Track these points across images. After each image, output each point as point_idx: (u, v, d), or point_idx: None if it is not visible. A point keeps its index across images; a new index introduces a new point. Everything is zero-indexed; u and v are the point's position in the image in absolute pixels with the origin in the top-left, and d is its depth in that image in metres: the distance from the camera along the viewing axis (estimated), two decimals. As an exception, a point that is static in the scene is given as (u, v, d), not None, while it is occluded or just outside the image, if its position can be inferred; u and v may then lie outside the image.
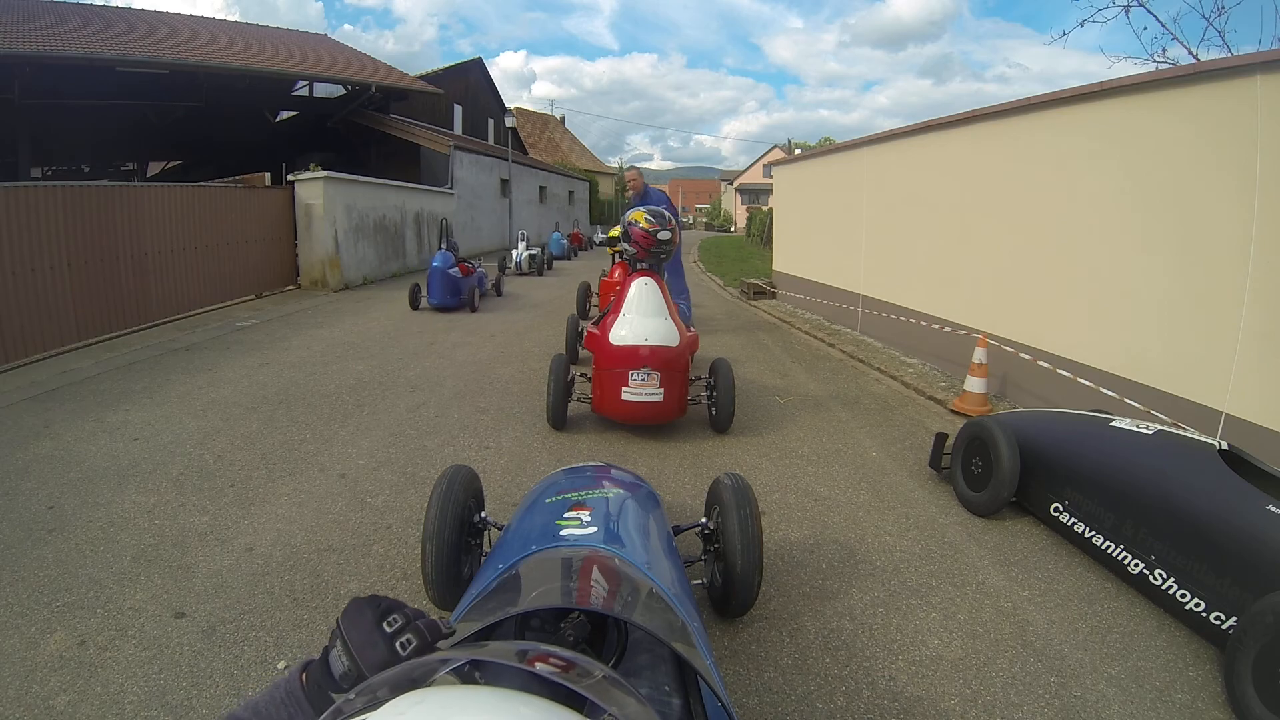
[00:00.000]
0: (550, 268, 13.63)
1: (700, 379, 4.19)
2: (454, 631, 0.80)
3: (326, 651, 0.75)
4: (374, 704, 0.47)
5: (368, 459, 3.47)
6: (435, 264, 8.07)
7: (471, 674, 0.75)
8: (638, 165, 6.82)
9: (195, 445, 3.60)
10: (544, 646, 0.65)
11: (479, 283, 8.75)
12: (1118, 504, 2.48)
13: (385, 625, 0.74)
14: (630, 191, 6.37)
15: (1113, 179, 4.05)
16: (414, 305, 8.21)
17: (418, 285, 8.32)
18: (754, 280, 10.69)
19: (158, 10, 14.52)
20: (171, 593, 2.26)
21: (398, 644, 0.73)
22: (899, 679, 1.95)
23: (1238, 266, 3.23)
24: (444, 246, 8.28)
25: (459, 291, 8.13)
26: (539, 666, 0.60)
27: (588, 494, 1.84)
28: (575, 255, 17.53)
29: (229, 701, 1.78)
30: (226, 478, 3.20)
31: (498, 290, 9.64)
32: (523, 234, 13.42)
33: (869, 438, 4.06)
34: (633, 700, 0.56)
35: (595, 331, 4.09)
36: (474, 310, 8.17)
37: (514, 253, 12.62)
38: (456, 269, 8.22)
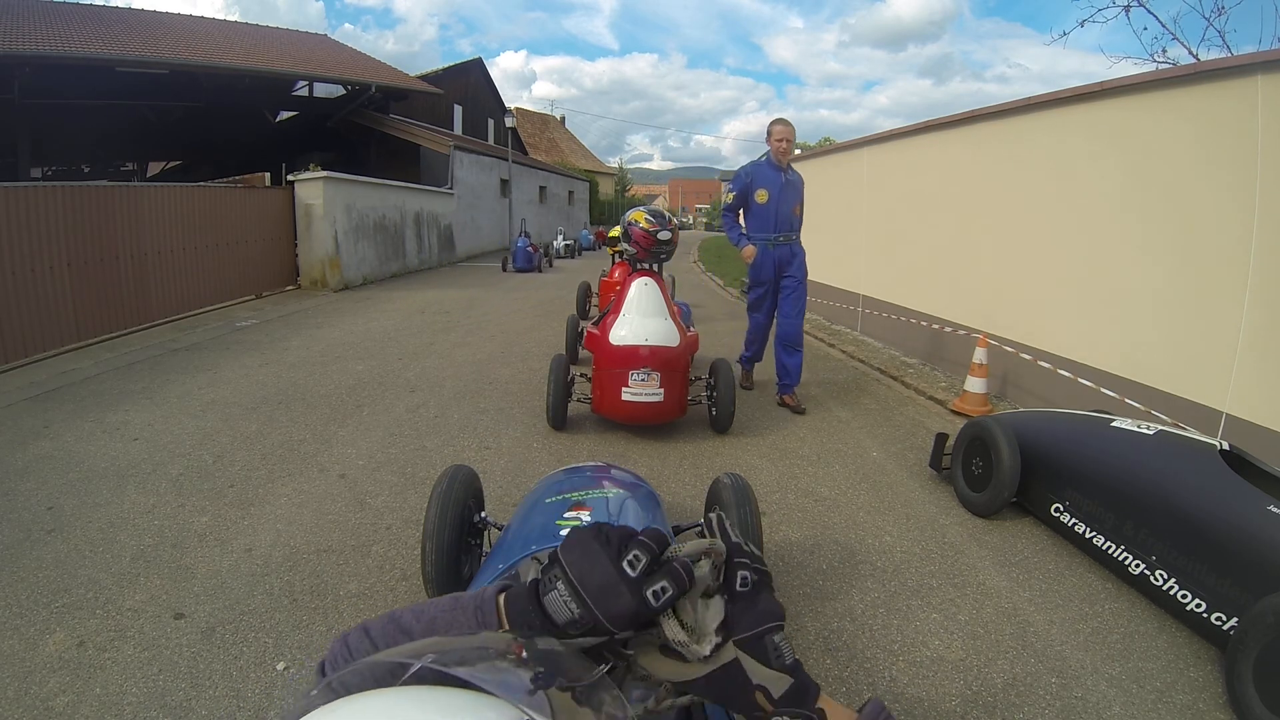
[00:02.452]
0: (580, 254, 18.40)
1: (700, 379, 4.19)
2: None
3: (538, 588, 0.63)
4: (310, 706, 0.46)
5: (367, 459, 3.47)
6: (519, 244, 13.17)
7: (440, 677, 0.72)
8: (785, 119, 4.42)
9: (195, 446, 3.59)
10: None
11: (541, 257, 13.58)
12: (1118, 504, 2.47)
13: (626, 566, 0.60)
14: (774, 150, 4.37)
15: (1113, 179, 4.05)
16: (504, 268, 13.12)
17: (507, 257, 13.38)
18: (754, 280, 10.67)
19: (158, 10, 14.54)
20: (171, 594, 2.25)
21: (649, 594, 0.60)
22: (899, 680, 1.95)
23: (1238, 266, 3.23)
24: (522, 234, 13.53)
25: (531, 260, 13.14)
26: (524, 654, 0.58)
27: (588, 494, 1.83)
28: (599, 248, 20.97)
29: (228, 703, 1.77)
30: (226, 478, 3.20)
31: (550, 263, 14.63)
32: (561, 230, 19.07)
33: (869, 438, 4.06)
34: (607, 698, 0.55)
35: (595, 331, 4.08)
36: (540, 271, 13.22)
37: (555, 242, 17.53)
38: (530, 248, 13.24)
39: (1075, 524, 2.66)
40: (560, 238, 17.81)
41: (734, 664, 0.64)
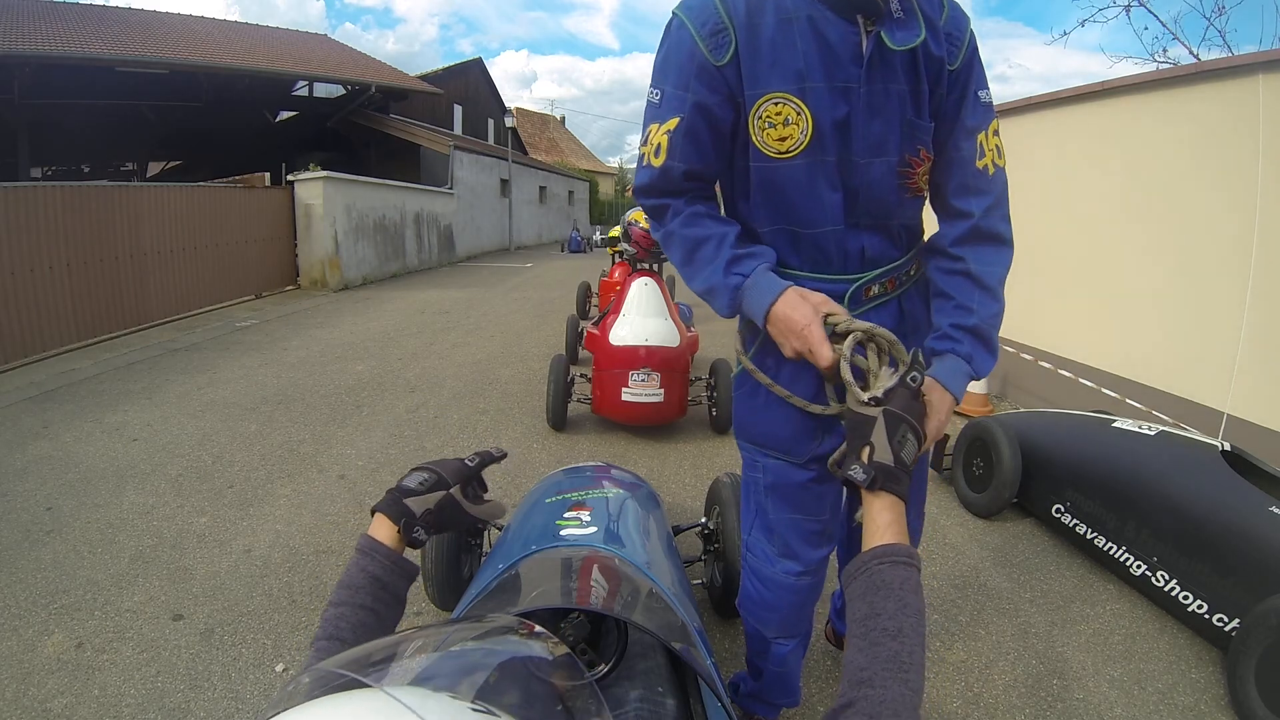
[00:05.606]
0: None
1: (700, 379, 4.18)
2: (504, 455, 1.10)
3: (401, 483, 0.99)
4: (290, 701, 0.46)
5: (367, 460, 3.46)
6: (573, 236, 19.28)
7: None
8: None
9: (194, 446, 3.59)
10: (538, 628, 0.65)
11: (585, 244, 18.58)
12: (1120, 505, 2.47)
13: (470, 460, 1.05)
14: None
15: (1113, 178, 4.04)
16: (562, 250, 19.01)
17: (564, 242, 19.76)
18: (754, 280, 10.66)
19: (158, 10, 14.53)
20: (169, 595, 2.25)
21: (467, 466, 1.02)
22: (900, 681, 1.94)
23: (1239, 266, 3.22)
24: (574, 229, 19.96)
25: (579, 246, 18.64)
26: (536, 629, 0.61)
27: (588, 494, 1.83)
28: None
29: (227, 704, 1.77)
30: (225, 479, 3.19)
31: (591, 249, 18.16)
32: (598, 228, 22.98)
33: (869, 438, 4.05)
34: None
35: (595, 332, 4.08)
36: (585, 253, 17.93)
37: (594, 236, 21.56)
38: (579, 238, 18.95)
39: (1076, 525, 2.66)
40: (598, 233, 21.36)
41: (870, 420, 0.84)
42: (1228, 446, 2.37)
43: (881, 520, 0.80)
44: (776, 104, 1.00)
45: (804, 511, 1.31)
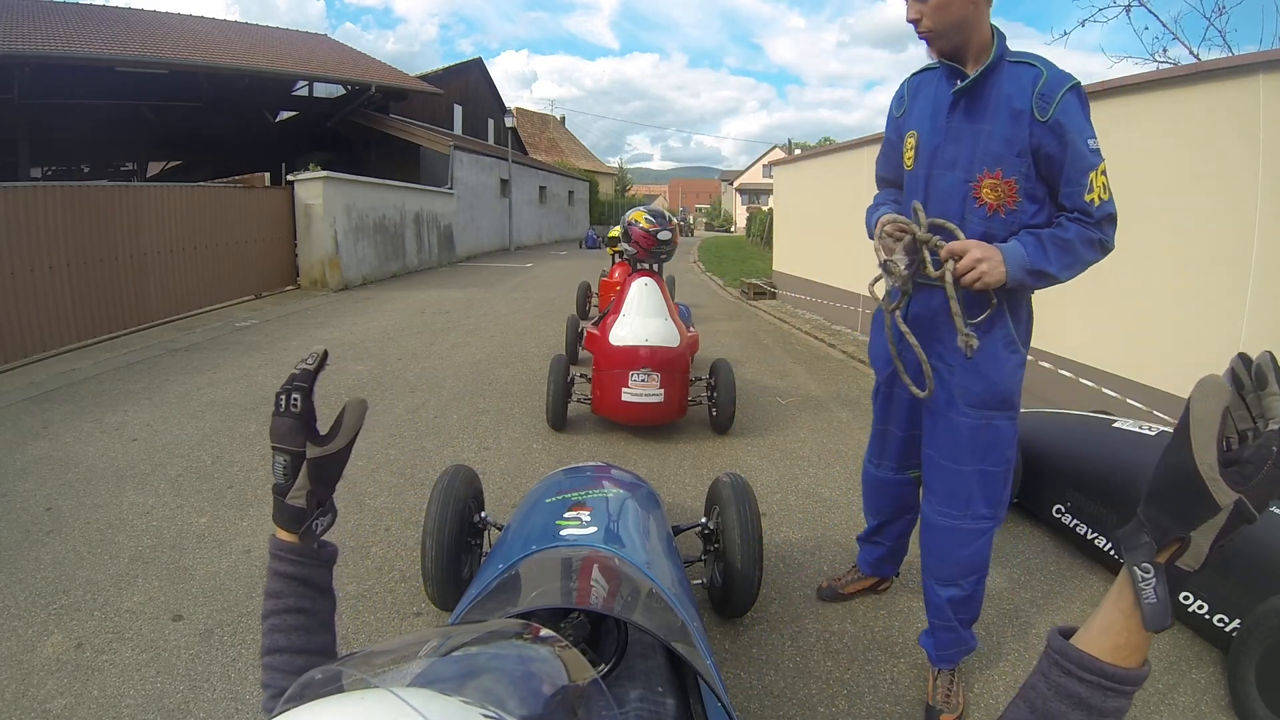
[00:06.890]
0: None
1: (700, 379, 4.18)
2: (324, 354, 0.93)
3: (274, 484, 0.89)
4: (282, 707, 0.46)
5: (366, 460, 3.46)
6: (589, 234, 21.51)
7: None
8: None
9: (194, 446, 3.59)
10: (545, 631, 0.65)
11: (600, 241, 19.29)
12: (1120, 506, 2.47)
13: (278, 408, 0.90)
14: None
15: (1113, 178, 4.04)
16: (580, 247, 20.67)
17: (580, 241, 21.69)
18: (754, 280, 10.68)
19: (158, 10, 14.53)
20: (169, 595, 2.25)
21: (290, 413, 0.90)
22: (900, 682, 1.94)
23: (1239, 266, 3.22)
24: (591, 228, 22.98)
25: (595, 243, 19.89)
26: (541, 633, 0.60)
27: (588, 494, 1.82)
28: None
29: (226, 705, 1.77)
30: (225, 479, 3.19)
31: (604, 246, 18.13)
32: (613, 226, 24.00)
33: (870, 438, 4.05)
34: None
35: (595, 332, 4.08)
36: (600, 248, 18.42)
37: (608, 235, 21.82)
38: (595, 236, 20.57)
39: (1077, 525, 2.65)
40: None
41: (1209, 503, 0.55)
42: (1228, 447, 2.36)
43: (1135, 630, 0.58)
44: (910, 136, 1.73)
45: (878, 418, 2.04)
